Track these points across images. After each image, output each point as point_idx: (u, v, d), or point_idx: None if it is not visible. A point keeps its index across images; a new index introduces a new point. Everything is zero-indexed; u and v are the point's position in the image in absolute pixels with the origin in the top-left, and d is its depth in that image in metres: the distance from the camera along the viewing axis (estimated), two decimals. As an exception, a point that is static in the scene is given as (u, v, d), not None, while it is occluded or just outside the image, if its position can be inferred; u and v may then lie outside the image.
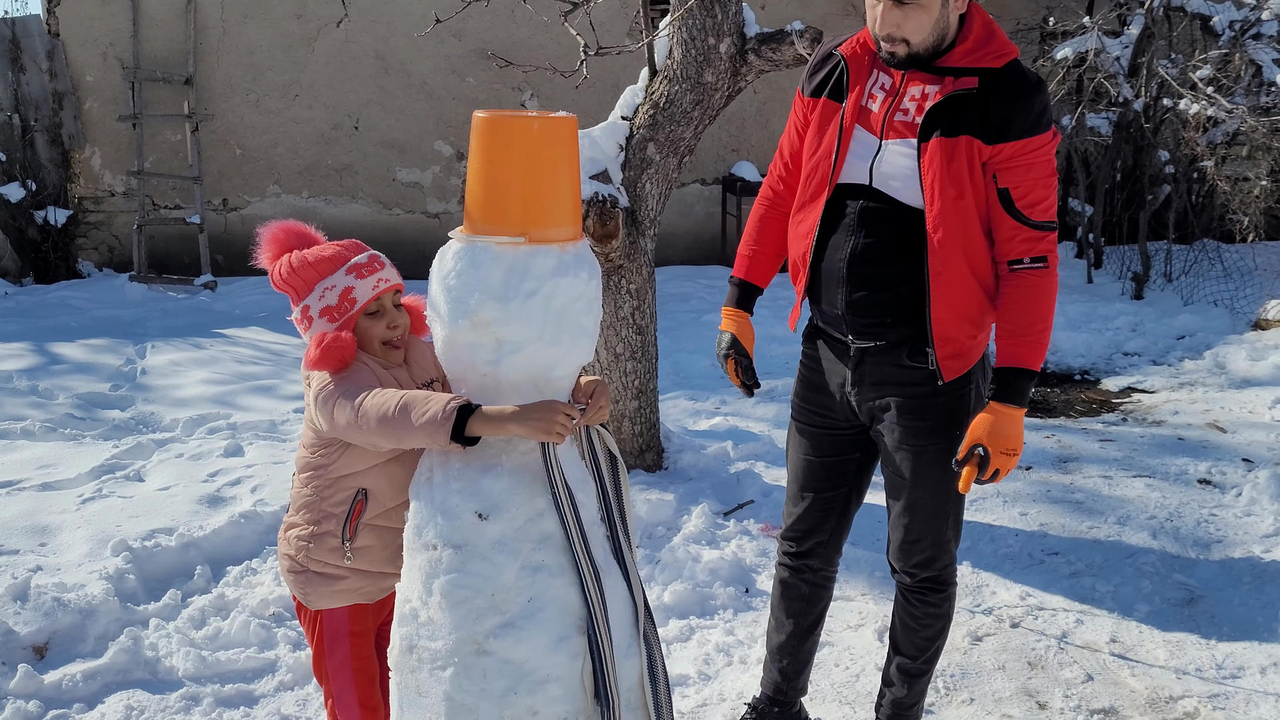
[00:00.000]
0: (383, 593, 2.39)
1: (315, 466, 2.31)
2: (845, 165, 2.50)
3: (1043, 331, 2.44)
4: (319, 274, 2.27)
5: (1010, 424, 2.40)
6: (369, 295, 2.27)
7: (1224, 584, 3.84)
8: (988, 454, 2.39)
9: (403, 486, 2.27)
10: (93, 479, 4.57)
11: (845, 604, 3.70)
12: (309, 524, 2.32)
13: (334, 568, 2.32)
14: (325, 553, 2.31)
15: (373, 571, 2.33)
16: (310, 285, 2.26)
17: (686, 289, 8.42)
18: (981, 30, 2.42)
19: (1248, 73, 8.25)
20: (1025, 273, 2.43)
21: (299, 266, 2.28)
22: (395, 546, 2.30)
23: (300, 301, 2.28)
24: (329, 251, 2.30)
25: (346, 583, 2.33)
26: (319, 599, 2.36)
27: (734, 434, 5.18)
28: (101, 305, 7.77)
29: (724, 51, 4.11)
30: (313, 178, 8.97)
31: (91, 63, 8.52)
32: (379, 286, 2.28)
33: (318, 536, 2.31)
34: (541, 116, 1.96)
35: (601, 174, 4.17)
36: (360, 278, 2.27)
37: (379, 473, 2.28)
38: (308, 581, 2.34)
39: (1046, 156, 2.41)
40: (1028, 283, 2.43)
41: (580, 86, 4.49)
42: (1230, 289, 7.86)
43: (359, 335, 2.27)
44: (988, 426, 2.40)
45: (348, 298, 2.25)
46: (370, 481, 2.28)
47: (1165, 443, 5.26)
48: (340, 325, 2.25)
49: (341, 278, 2.26)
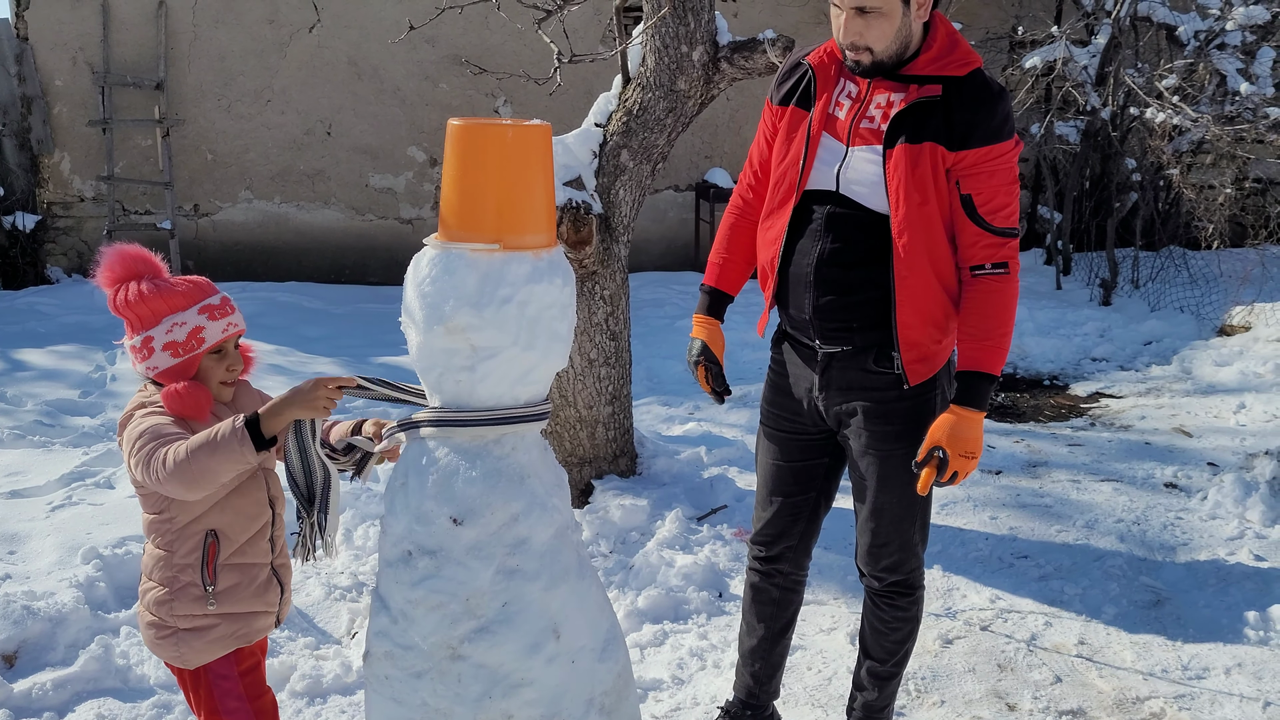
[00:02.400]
0: (259, 634, 2.35)
1: (159, 525, 2.26)
2: (812, 172, 2.53)
3: (1003, 336, 2.48)
4: (170, 308, 2.24)
5: (970, 427, 2.43)
6: (218, 337, 2.27)
7: (1190, 586, 3.89)
8: (947, 456, 2.42)
9: (252, 517, 2.30)
10: (62, 486, 4.54)
11: (818, 607, 3.72)
12: (164, 583, 2.26)
13: (201, 618, 2.26)
14: (189, 604, 2.25)
15: (241, 613, 2.29)
16: (158, 317, 2.24)
17: (660, 295, 8.44)
18: (945, 39, 2.46)
19: (1212, 82, 8.37)
20: (986, 278, 2.46)
21: (149, 296, 2.24)
22: (259, 582, 2.32)
23: (141, 331, 2.24)
24: (181, 287, 2.27)
25: (218, 630, 2.28)
26: (195, 655, 2.28)
27: (707, 439, 5.21)
28: (70, 311, 7.70)
29: (697, 59, 4.14)
30: (285, 183, 8.94)
31: (61, 67, 8.45)
32: (228, 330, 2.29)
33: (177, 591, 2.25)
34: (516, 124, 1.97)
35: (575, 180, 4.18)
36: (212, 319, 2.27)
37: (222, 509, 2.26)
38: (179, 641, 2.27)
39: (1008, 164, 2.45)
40: (989, 288, 2.47)
41: (554, 93, 4.50)
42: (1196, 295, 7.97)
43: (200, 374, 2.28)
44: (947, 429, 2.43)
45: (196, 336, 2.25)
46: (216, 521, 2.25)
47: (1132, 447, 5.33)
48: (182, 362, 2.24)
49: (193, 316, 2.25)
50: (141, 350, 2.24)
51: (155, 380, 2.28)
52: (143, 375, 2.29)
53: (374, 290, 8.62)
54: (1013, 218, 2.47)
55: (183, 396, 2.22)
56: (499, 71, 6.14)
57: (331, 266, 9.01)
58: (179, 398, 2.22)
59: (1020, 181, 9.24)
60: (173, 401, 2.21)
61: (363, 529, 4.08)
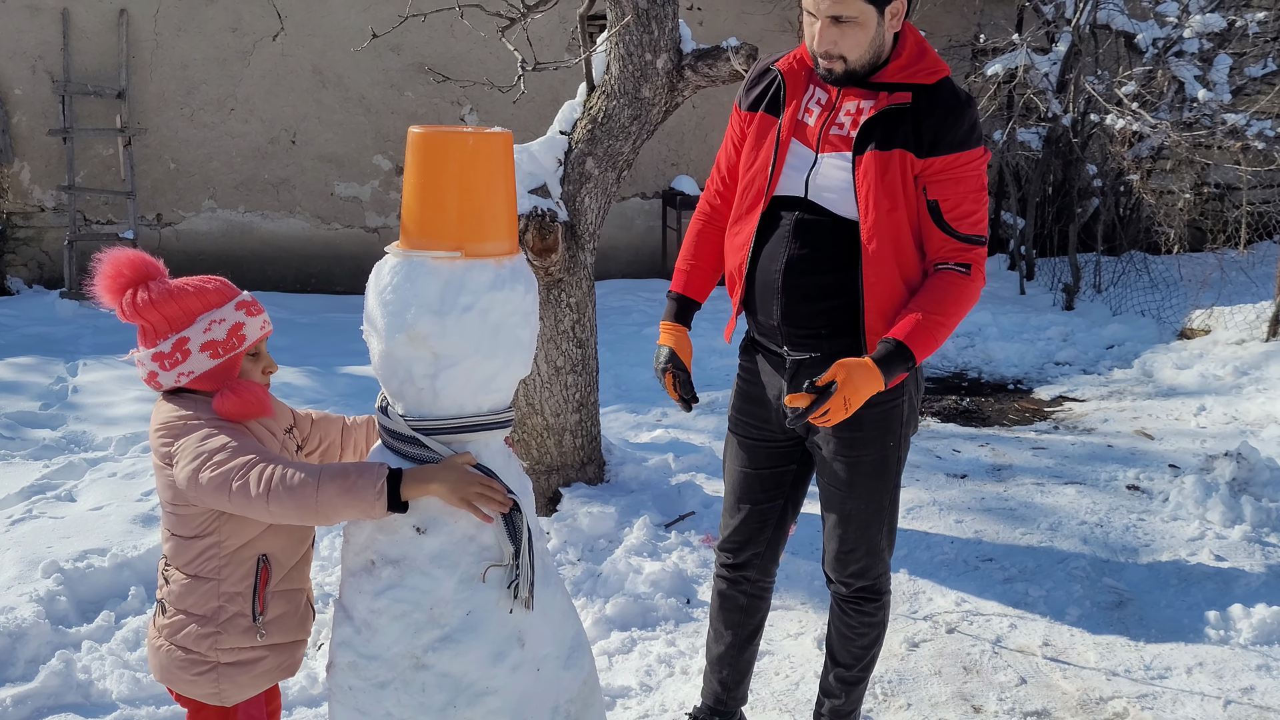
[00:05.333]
0: (297, 665, 2.20)
1: (204, 549, 2.07)
2: (781, 178, 2.54)
3: (942, 323, 2.43)
4: (204, 305, 2.07)
5: (868, 383, 2.36)
6: (257, 334, 2.13)
7: (1152, 587, 3.94)
8: (832, 392, 2.34)
9: (300, 539, 2.16)
10: (22, 500, 4.47)
11: (785, 613, 3.73)
12: (209, 614, 2.08)
13: (248, 651, 2.10)
14: (237, 637, 2.09)
15: (286, 643, 2.16)
16: (192, 316, 2.05)
17: (627, 302, 8.45)
18: (915, 48, 2.48)
19: (1171, 89, 8.49)
20: (948, 271, 2.47)
21: (180, 294, 2.07)
22: (301, 609, 2.20)
23: (172, 334, 2.05)
24: (210, 284, 2.11)
25: (265, 663, 2.13)
26: (237, 692, 2.11)
27: (675, 446, 5.21)
28: (31, 322, 7.60)
29: (661, 67, 4.15)
30: (249, 192, 8.87)
31: (20, 75, 8.36)
32: (265, 328, 2.15)
33: (224, 623, 2.08)
34: (477, 132, 1.97)
35: (540, 188, 4.18)
36: (250, 315, 2.12)
37: (275, 532, 2.10)
38: (219, 677, 2.09)
39: (976, 171, 2.46)
40: (948, 278, 2.46)
41: (519, 101, 4.50)
42: (1157, 299, 8.07)
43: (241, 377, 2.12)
44: (852, 371, 2.35)
45: (237, 333, 2.08)
46: (269, 544, 2.10)
47: (1095, 450, 5.39)
48: (222, 363, 2.08)
49: (231, 312, 2.09)
50: (172, 355, 2.04)
51: (187, 389, 2.08)
52: (167, 385, 2.08)
53: (340, 299, 8.57)
54: (980, 225, 2.48)
55: (240, 396, 2.03)
56: (464, 80, 6.14)
57: (297, 276, 8.95)
58: (237, 399, 2.03)
59: (983, 188, 9.05)
60: (229, 405, 2.02)
61: (328, 539, 4.06)
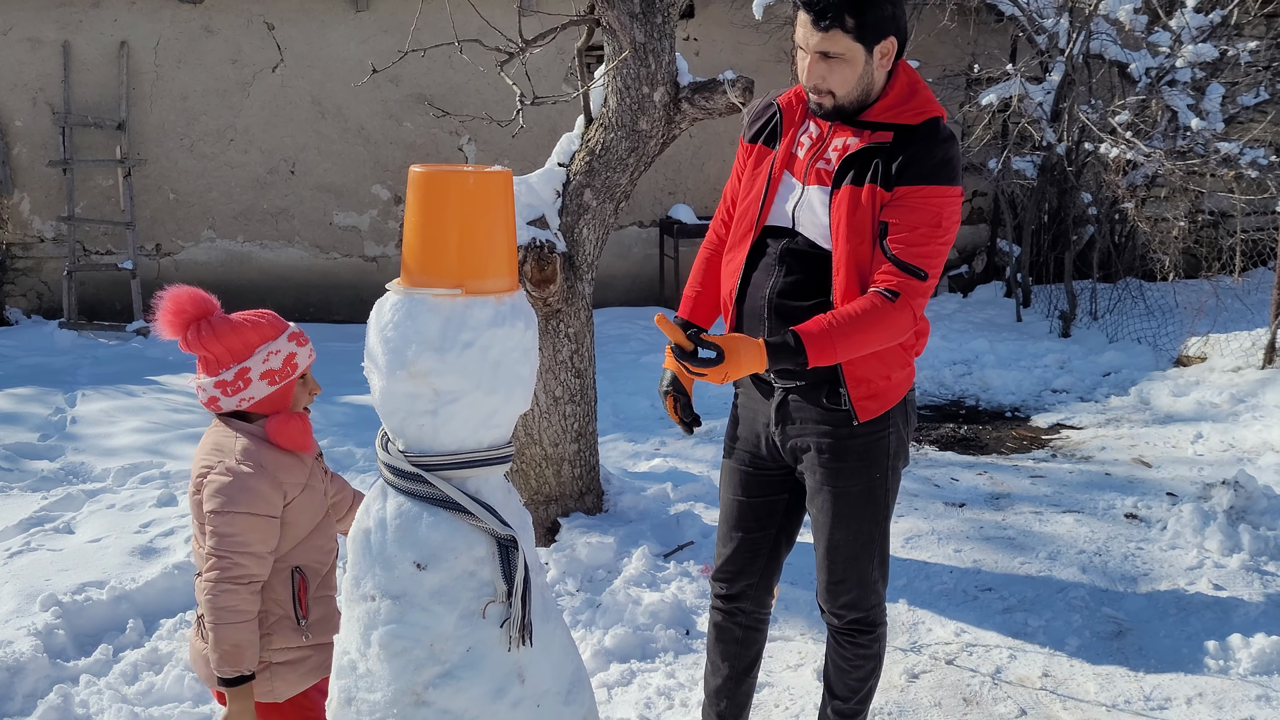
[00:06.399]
0: None
1: None
2: (772, 208, 2.59)
3: (847, 337, 2.38)
4: (262, 337, 2.36)
5: (751, 360, 2.35)
6: (307, 362, 2.41)
7: (1151, 616, 3.94)
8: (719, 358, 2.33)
9: (328, 551, 2.43)
10: (20, 532, 4.47)
11: (784, 644, 3.73)
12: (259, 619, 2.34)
13: (296, 650, 2.37)
14: (286, 636, 2.36)
15: (325, 643, 2.39)
16: (251, 348, 2.34)
17: (625, 330, 8.46)
18: (904, 88, 2.50)
19: (1164, 118, 8.55)
20: (873, 293, 2.42)
21: (241, 328, 2.35)
22: (334, 612, 2.42)
23: (235, 364, 2.33)
24: (265, 319, 2.39)
25: (310, 661, 2.38)
26: (287, 687, 2.38)
27: (673, 475, 5.22)
28: (30, 353, 7.61)
29: (658, 100, 4.19)
30: (248, 222, 8.91)
31: (20, 107, 8.41)
32: (311, 355, 2.43)
33: (272, 625, 2.35)
34: (477, 171, 1.99)
35: (539, 220, 4.21)
36: (300, 345, 2.40)
37: (305, 548, 2.38)
38: (272, 675, 2.36)
39: (935, 207, 2.42)
40: (870, 299, 2.41)
41: (517, 135, 4.54)
42: (1153, 326, 8.10)
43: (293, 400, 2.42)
44: (740, 345, 2.35)
45: (291, 362, 2.37)
46: (301, 558, 2.37)
47: (1093, 479, 5.39)
48: (279, 389, 2.37)
49: (285, 343, 2.38)
50: (234, 383, 2.33)
51: (246, 412, 2.37)
52: (228, 409, 2.37)
53: (338, 329, 8.58)
54: (924, 259, 2.41)
55: (287, 428, 2.34)
56: (463, 113, 6.18)
57: (296, 305, 8.97)
58: (285, 431, 2.34)
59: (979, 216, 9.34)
60: (281, 435, 2.33)
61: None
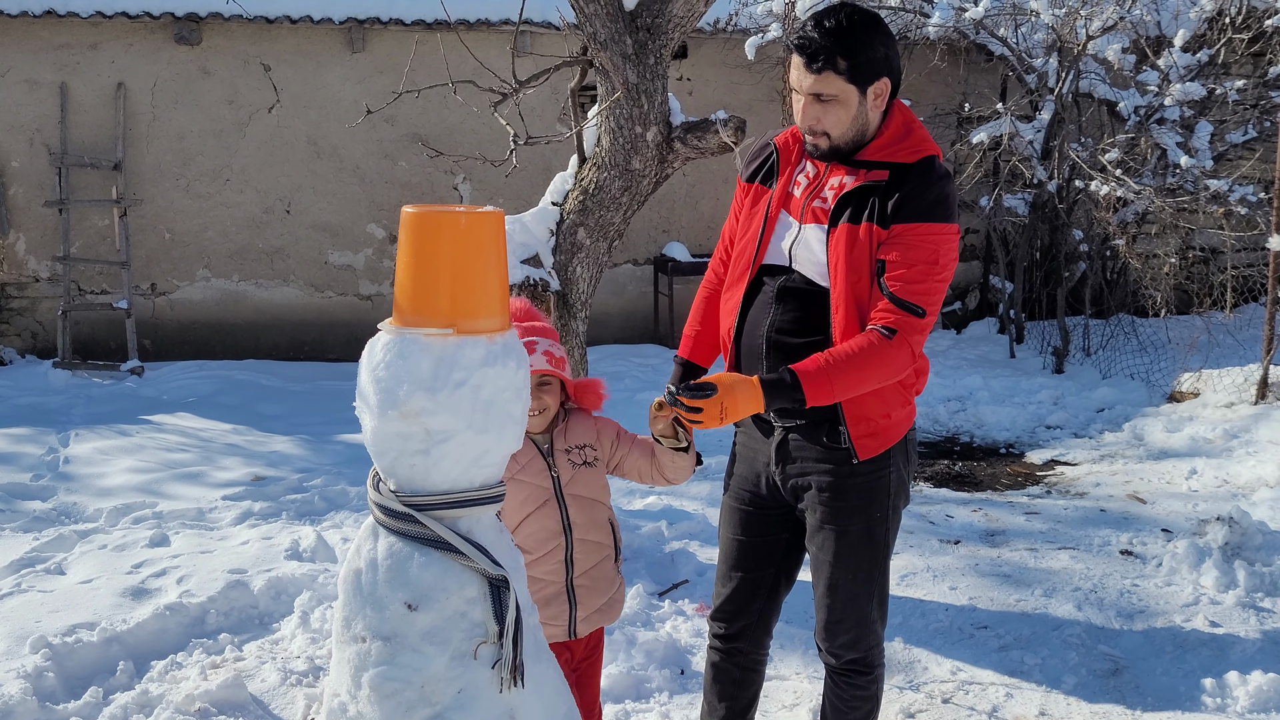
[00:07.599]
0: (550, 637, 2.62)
1: None
2: (769, 246, 2.60)
3: (844, 374, 2.39)
4: None
5: (748, 401, 2.38)
6: None
7: (1147, 654, 3.92)
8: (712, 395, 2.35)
9: (542, 541, 2.64)
10: (11, 573, 4.44)
11: (780, 683, 3.71)
12: None
13: None
14: None
15: None
16: None
17: (620, 368, 8.47)
18: (900, 128, 2.53)
19: (1154, 155, 8.63)
20: (870, 330, 2.44)
21: None
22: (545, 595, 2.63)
23: None
24: None
25: None
26: None
27: (668, 513, 5.20)
28: (24, 393, 7.61)
29: (651, 140, 4.22)
30: (243, 261, 8.94)
31: (17, 148, 8.45)
32: None
33: None
34: (469, 211, 2.00)
35: (533, 258, 4.23)
36: None
37: (519, 533, 2.62)
38: None
39: (934, 244, 2.44)
40: (867, 337, 2.43)
41: (511, 174, 4.57)
42: (1146, 362, 8.12)
43: None
44: (735, 385, 2.38)
45: None
46: (518, 538, 2.56)
47: (1088, 515, 5.39)
48: None
49: None
50: None
51: None
52: None
53: (333, 367, 8.59)
54: (921, 296, 2.43)
55: None
56: (458, 153, 6.22)
57: (290, 344, 8.99)
58: None
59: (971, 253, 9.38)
60: None
61: (319, 611, 4.03)
